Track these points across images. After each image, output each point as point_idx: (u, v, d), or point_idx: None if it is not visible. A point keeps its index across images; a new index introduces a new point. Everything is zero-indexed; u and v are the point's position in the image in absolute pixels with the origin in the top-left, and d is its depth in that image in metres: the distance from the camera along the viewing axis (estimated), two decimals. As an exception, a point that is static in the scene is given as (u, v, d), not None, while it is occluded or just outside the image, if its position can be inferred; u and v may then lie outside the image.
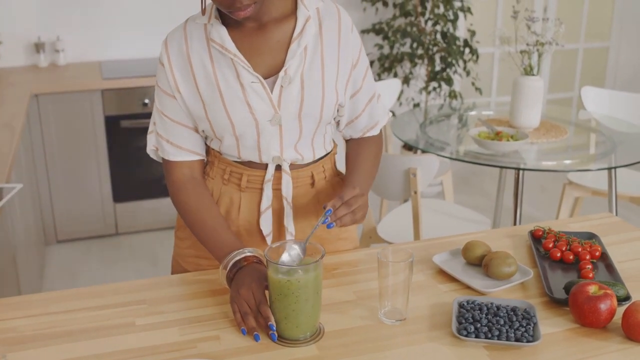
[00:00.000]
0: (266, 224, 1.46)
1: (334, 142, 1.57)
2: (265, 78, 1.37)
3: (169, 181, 1.46)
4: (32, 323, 1.26)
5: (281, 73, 1.36)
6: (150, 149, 1.48)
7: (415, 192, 2.42)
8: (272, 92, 1.36)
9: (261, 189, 1.45)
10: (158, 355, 1.16)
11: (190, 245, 1.53)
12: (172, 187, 1.45)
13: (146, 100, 3.56)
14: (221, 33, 1.36)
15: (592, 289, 1.24)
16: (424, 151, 2.75)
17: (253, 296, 1.22)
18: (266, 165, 1.43)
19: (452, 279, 1.43)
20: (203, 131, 1.43)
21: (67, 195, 3.58)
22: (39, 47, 3.74)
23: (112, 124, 3.55)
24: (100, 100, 3.48)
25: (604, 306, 1.22)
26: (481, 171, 4.75)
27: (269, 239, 1.47)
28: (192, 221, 1.41)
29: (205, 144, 1.48)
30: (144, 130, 3.61)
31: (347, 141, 1.60)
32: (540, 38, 2.72)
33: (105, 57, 3.96)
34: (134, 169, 3.68)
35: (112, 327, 1.25)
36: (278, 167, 1.44)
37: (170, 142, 1.43)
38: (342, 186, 1.52)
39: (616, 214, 3.02)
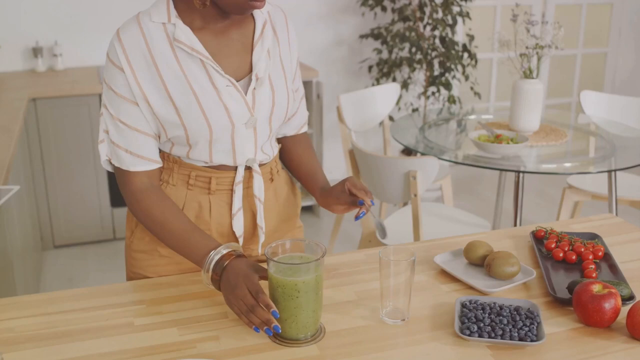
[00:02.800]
0: (238, 225, 1.43)
1: None
2: (236, 80, 1.35)
3: (127, 191, 1.36)
4: (29, 323, 1.24)
5: (253, 76, 1.35)
6: (104, 160, 1.38)
7: (415, 195, 2.41)
8: (245, 94, 1.35)
9: (231, 191, 1.42)
10: (157, 355, 1.14)
11: (157, 255, 1.45)
12: (131, 198, 1.36)
13: (144, 105, 3.54)
14: (187, 34, 1.30)
15: (596, 287, 1.23)
16: (423, 155, 2.74)
17: (248, 292, 1.19)
18: (236, 167, 1.41)
19: (453, 279, 1.41)
20: (169, 139, 1.36)
21: (65, 200, 3.56)
22: (36, 51, 3.74)
23: (110, 128, 3.53)
24: (98, 105, 3.47)
25: (608, 305, 1.20)
26: (480, 176, 4.75)
27: (241, 240, 1.45)
28: (159, 230, 1.34)
29: (159, 151, 1.42)
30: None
31: (280, 140, 1.58)
32: (539, 41, 2.72)
33: (103, 62, 3.94)
34: (131, 174, 3.66)
35: (110, 327, 1.23)
36: (247, 168, 1.42)
37: (129, 151, 1.33)
38: (327, 186, 1.51)
39: (616, 218, 3.01)
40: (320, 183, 1.53)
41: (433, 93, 4.22)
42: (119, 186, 1.39)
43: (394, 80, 4.17)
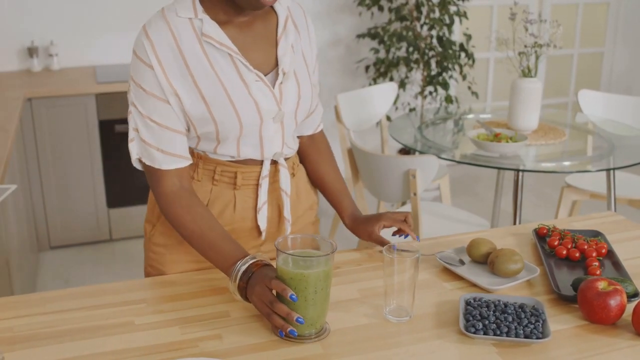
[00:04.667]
0: (263, 220, 1.43)
1: None
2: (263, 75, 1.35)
3: (159, 192, 1.35)
4: (28, 323, 1.23)
5: (280, 70, 1.35)
6: (134, 159, 1.36)
7: (415, 194, 2.40)
8: (273, 88, 1.35)
9: (256, 185, 1.42)
10: (159, 354, 1.13)
11: (176, 250, 1.45)
12: (162, 200, 1.35)
13: (141, 105, 3.52)
14: (215, 29, 1.30)
15: (602, 284, 1.22)
16: (421, 153, 2.73)
17: (267, 288, 1.17)
18: (261, 161, 1.41)
19: (457, 277, 1.40)
20: (198, 135, 1.35)
21: (61, 201, 3.54)
22: (32, 51, 3.71)
23: (106, 128, 3.52)
24: (95, 105, 3.45)
25: (613, 302, 1.19)
26: (477, 176, 4.74)
27: (264, 234, 1.45)
28: (188, 235, 1.33)
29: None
30: (139, 135, 3.58)
31: (300, 142, 1.57)
32: (538, 40, 2.72)
33: (99, 62, 3.93)
34: (128, 174, 3.64)
35: (111, 326, 1.22)
36: (272, 162, 1.43)
37: (161, 149, 1.32)
38: (356, 213, 1.56)
39: (615, 217, 3.01)
40: (349, 210, 1.56)
41: (430, 93, 4.22)
42: (149, 185, 1.37)
43: (391, 79, 4.16)
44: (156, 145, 1.32)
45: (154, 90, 1.29)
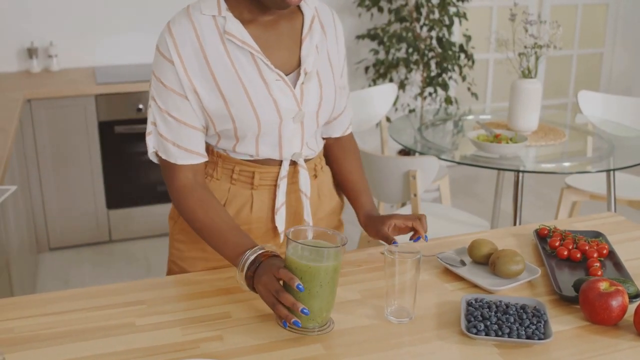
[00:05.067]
0: (281, 221, 1.43)
1: None
2: (284, 74, 1.35)
3: (172, 186, 1.37)
4: (29, 324, 1.22)
5: (302, 70, 1.35)
6: (151, 152, 1.39)
7: (415, 195, 2.40)
8: (294, 88, 1.35)
9: (274, 186, 1.42)
10: (160, 355, 1.13)
11: (195, 247, 1.48)
12: (176, 193, 1.37)
13: (140, 106, 3.53)
14: (238, 27, 1.31)
15: (603, 285, 1.22)
16: (421, 154, 2.73)
17: (275, 278, 1.16)
18: (280, 162, 1.41)
19: (458, 277, 1.40)
20: (217, 132, 1.36)
21: (60, 202, 3.53)
22: (31, 52, 3.71)
23: (106, 129, 3.51)
24: (94, 106, 3.45)
25: (615, 303, 1.19)
26: (476, 177, 4.74)
27: (282, 236, 1.44)
28: (199, 227, 1.35)
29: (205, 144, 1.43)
30: (139, 136, 3.58)
31: (327, 142, 1.57)
32: (538, 40, 2.72)
33: (98, 63, 3.93)
34: (127, 175, 3.64)
35: (112, 327, 1.21)
36: (291, 163, 1.42)
37: (177, 144, 1.34)
38: (372, 212, 1.52)
39: (615, 218, 3.01)
40: (366, 207, 1.53)
41: (430, 94, 4.21)
42: (164, 179, 1.40)
43: (391, 81, 4.16)
44: (172, 139, 1.34)
45: (173, 85, 1.30)
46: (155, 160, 1.40)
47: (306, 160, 1.45)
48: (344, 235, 1.19)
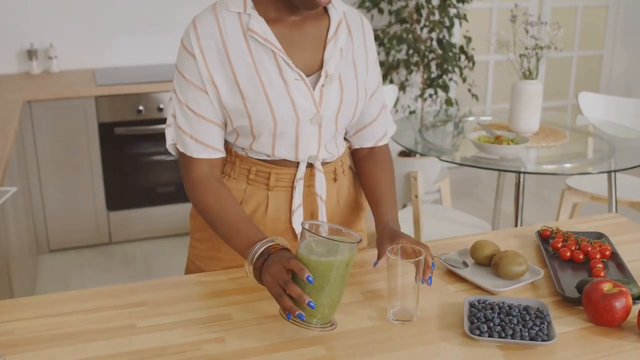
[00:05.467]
0: (298, 222, 1.43)
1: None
2: (305, 75, 1.34)
3: (188, 178, 1.38)
4: (29, 325, 1.22)
5: (323, 73, 1.35)
6: (169, 144, 1.40)
7: (416, 196, 2.39)
8: (313, 90, 1.34)
9: (291, 188, 1.42)
10: (161, 357, 1.12)
11: (211, 247, 1.48)
12: (190, 185, 1.38)
13: (140, 107, 3.52)
14: (261, 24, 1.31)
15: (607, 286, 1.21)
16: (422, 155, 2.73)
17: (284, 269, 1.15)
18: (297, 164, 1.41)
19: (460, 279, 1.39)
20: (235, 128, 1.36)
21: (60, 204, 3.52)
22: (31, 54, 3.70)
23: (106, 131, 3.51)
24: (94, 107, 3.44)
25: (619, 304, 1.19)
26: (477, 179, 4.74)
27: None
28: (212, 219, 1.35)
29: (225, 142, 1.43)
30: (139, 138, 3.57)
31: (356, 155, 1.56)
32: (539, 42, 2.71)
33: (98, 65, 3.92)
34: (128, 177, 3.64)
35: (113, 329, 1.21)
36: (308, 165, 1.42)
37: (194, 137, 1.35)
38: (387, 226, 1.41)
39: (616, 219, 3.00)
40: (386, 218, 1.43)
41: (430, 95, 4.21)
42: (181, 172, 1.41)
43: (391, 82, 4.16)
44: (190, 132, 1.35)
45: (194, 79, 1.32)
46: (173, 152, 1.42)
47: (325, 164, 1.45)
48: (358, 234, 1.17)
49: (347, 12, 1.43)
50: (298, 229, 1.43)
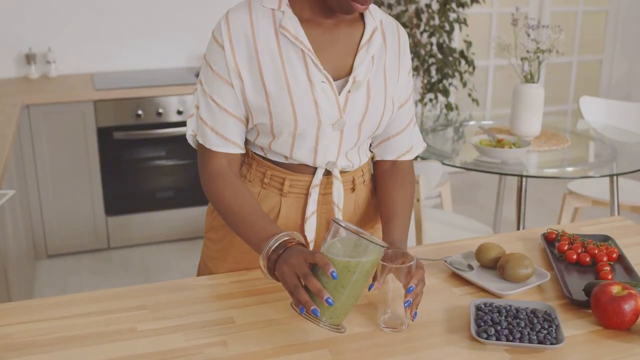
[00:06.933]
0: (311, 229, 1.39)
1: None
2: (332, 79, 1.32)
3: (205, 171, 1.36)
4: (28, 329, 1.19)
5: (350, 78, 1.32)
6: (189, 135, 1.39)
7: (418, 200, 2.37)
8: (339, 95, 1.32)
9: (305, 194, 1.39)
10: (162, 361, 1.10)
11: (221, 248, 1.47)
12: (207, 177, 1.36)
13: (139, 112, 3.50)
14: (294, 23, 1.29)
15: (615, 289, 1.19)
16: (423, 159, 2.71)
17: (304, 261, 1.12)
18: (313, 170, 1.38)
19: (466, 282, 1.37)
20: (256, 125, 1.34)
21: (58, 209, 3.50)
22: (29, 58, 3.68)
23: (104, 135, 3.49)
24: (93, 112, 3.42)
25: (628, 307, 1.17)
26: (477, 183, 4.72)
27: (312, 246, 1.40)
28: (226, 210, 1.32)
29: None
30: (138, 142, 3.55)
31: (377, 167, 1.51)
32: (540, 45, 2.70)
33: (97, 69, 3.91)
34: (126, 182, 3.61)
35: (113, 332, 1.18)
36: (325, 172, 1.39)
37: (215, 130, 1.33)
38: (394, 244, 1.34)
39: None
40: (392, 236, 1.36)
41: (430, 100, 4.20)
42: (198, 164, 1.39)
43: (391, 87, 4.14)
44: (211, 125, 1.34)
45: (221, 70, 1.31)
46: (192, 143, 1.41)
47: (344, 172, 1.41)
48: (380, 241, 1.14)
49: (384, 21, 1.40)
50: (310, 236, 1.39)
